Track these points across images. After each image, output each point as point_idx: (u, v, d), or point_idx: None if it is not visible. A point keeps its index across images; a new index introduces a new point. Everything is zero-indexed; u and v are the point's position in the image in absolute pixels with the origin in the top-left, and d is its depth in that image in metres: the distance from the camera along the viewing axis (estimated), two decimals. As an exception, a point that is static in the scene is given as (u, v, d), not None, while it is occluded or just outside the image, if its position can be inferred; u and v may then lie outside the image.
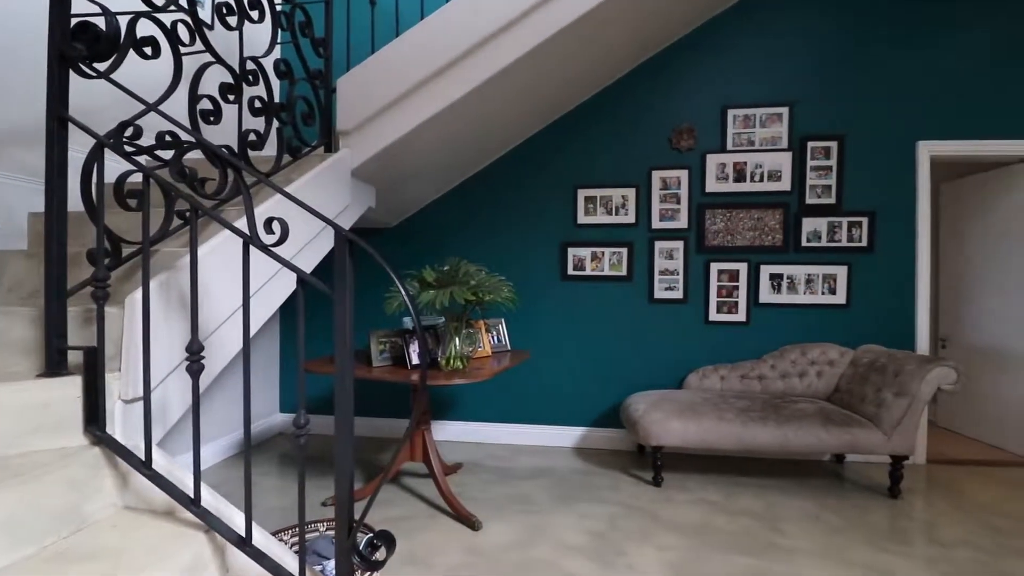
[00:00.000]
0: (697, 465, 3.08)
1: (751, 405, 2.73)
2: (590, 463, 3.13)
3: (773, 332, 3.25)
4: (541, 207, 3.46)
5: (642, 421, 2.71)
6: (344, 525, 1.15)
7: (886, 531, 2.29)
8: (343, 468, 1.14)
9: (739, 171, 3.27)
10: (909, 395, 2.48)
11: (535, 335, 3.45)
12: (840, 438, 2.54)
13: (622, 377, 3.37)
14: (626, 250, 3.35)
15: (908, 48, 3.17)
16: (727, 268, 3.27)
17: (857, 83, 3.20)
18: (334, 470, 1.17)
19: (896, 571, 1.96)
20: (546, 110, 3.27)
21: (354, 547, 1.15)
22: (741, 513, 2.44)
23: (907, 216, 3.17)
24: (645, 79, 3.36)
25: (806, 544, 2.16)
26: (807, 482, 2.84)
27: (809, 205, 3.20)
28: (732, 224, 3.27)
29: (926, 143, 3.16)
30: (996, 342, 3.47)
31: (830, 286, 3.19)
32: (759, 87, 3.27)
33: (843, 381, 2.95)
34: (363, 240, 1.20)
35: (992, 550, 2.12)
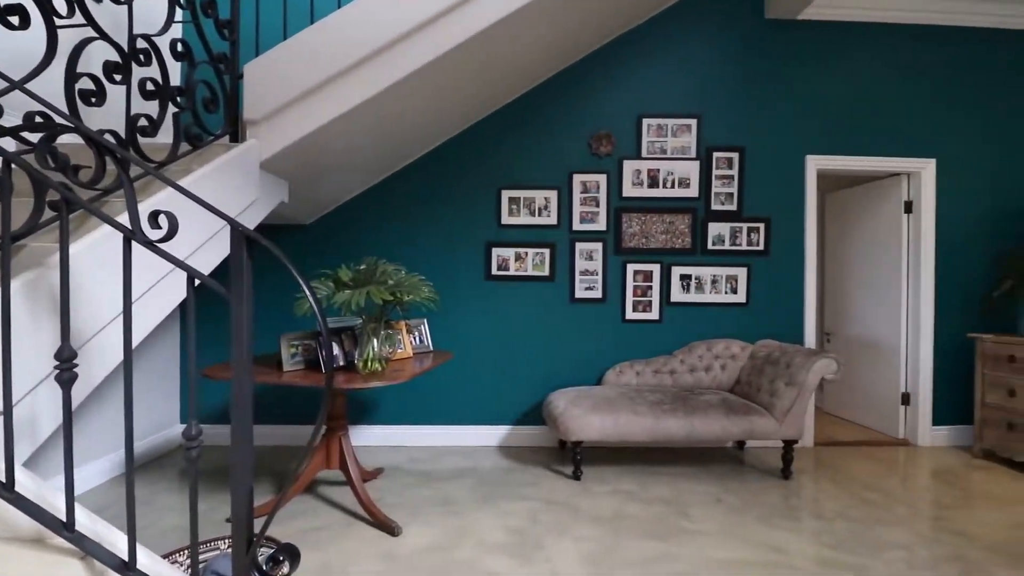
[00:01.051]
0: (614, 457, 3.21)
1: (663, 398, 2.89)
2: (513, 461, 3.16)
3: (683, 329, 3.46)
4: (466, 207, 3.45)
5: (562, 417, 2.79)
6: (242, 540, 1.08)
7: (779, 509, 2.51)
8: (240, 479, 1.07)
9: (653, 177, 3.45)
10: (798, 385, 2.74)
11: (459, 335, 3.43)
12: (740, 426, 2.75)
13: (544, 375, 3.45)
14: (549, 251, 3.43)
15: (799, 71, 3.50)
16: (642, 269, 3.44)
17: (756, 100, 3.49)
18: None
19: (786, 545, 2.15)
20: (470, 110, 3.27)
21: (254, 563, 1.08)
22: (653, 501, 2.58)
23: (797, 223, 3.50)
24: (566, 85, 3.45)
25: (710, 526, 2.32)
26: (712, 468, 3.05)
27: (714, 211, 3.45)
28: (646, 227, 3.44)
29: (814, 157, 3.51)
30: (870, 335, 3.92)
31: (732, 286, 3.45)
32: (671, 99, 3.47)
33: (743, 373, 3.20)
34: (274, 237, 1.14)
35: (864, 520, 2.39)
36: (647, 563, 2.00)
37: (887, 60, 3.53)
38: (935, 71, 3.54)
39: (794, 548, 2.13)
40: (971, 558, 2.05)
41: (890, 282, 3.73)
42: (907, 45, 3.53)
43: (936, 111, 3.54)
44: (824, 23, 3.51)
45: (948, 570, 1.97)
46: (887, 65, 3.53)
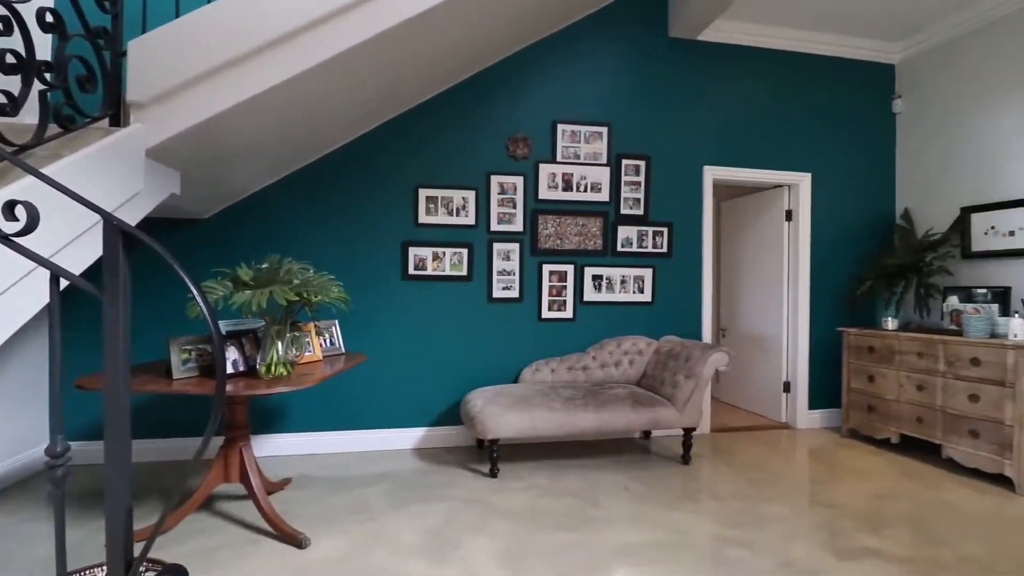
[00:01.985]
0: (530, 453, 3.29)
1: (575, 394, 3.01)
2: (430, 462, 3.13)
3: (595, 327, 3.61)
4: (382, 205, 3.37)
5: (479, 416, 2.81)
6: (119, 564, 0.98)
7: (679, 493, 2.70)
8: (116, 497, 0.97)
9: (567, 181, 3.57)
10: (695, 377, 2.97)
11: (375, 337, 3.34)
12: (646, 416, 2.93)
13: (462, 375, 3.45)
14: (466, 251, 3.43)
15: (698, 88, 3.79)
16: (557, 269, 3.55)
17: (660, 113, 3.73)
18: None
19: (685, 526, 2.32)
20: (387, 105, 3.19)
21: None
22: (565, 493, 2.67)
23: (696, 228, 3.79)
24: (485, 86, 3.48)
25: (617, 513, 2.44)
26: (621, 458, 3.22)
27: (623, 215, 3.64)
28: (561, 229, 3.56)
29: (710, 168, 3.81)
30: (758, 330, 4.33)
31: (639, 286, 3.66)
32: (584, 106, 3.61)
33: (649, 367, 3.40)
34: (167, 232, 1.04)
35: (752, 498, 2.64)
36: (558, 553, 2.07)
37: (769, 82, 3.92)
38: (808, 94, 3.99)
39: (693, 528, 2.30)
40: (838, 526, 2.34)
41: (774, 282, 4.15)
42: (786, 70, 3.95)
43: (810, 130, 3.99)
44: (719, 45, 3.84)
45: (819, 537, 2.23)
46: (769, 87, 3.92)
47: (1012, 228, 3.33)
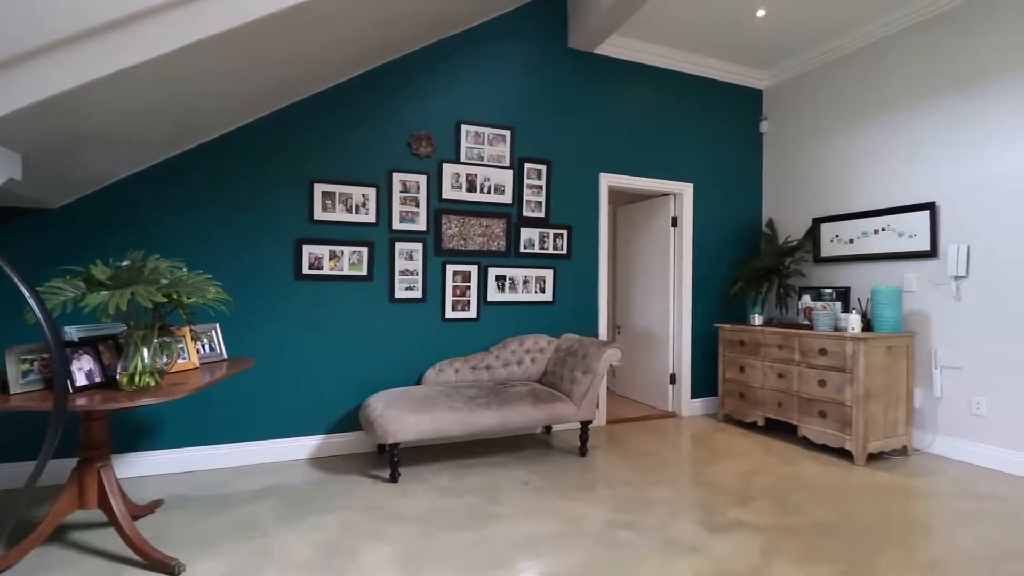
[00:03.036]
0: (433, 455, 3.26)
1: (478, 393, 3.03)
2: (326, 472, 2.99)
3: (499, 326, 3.67)
4: (273, 199, 3.15)
5: (380, 420, 2.73)
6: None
7: (576, 483, 2.82)
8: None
9: (471, 182, 3.59)
10: (592, 372, 3.13)
11: (266, 340, 3.12)
12: (545, 412, 3.03)
13: (362, 378, 3.33)
14: (367, 249, 3.32)
15: (595, 98, 3.99)
16: (461, 270, 3.55)
17: (561, 119, 3.88)
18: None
19: (580, 514, 2.43)
20: (279, 93, 2.99)
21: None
22: (467, 492, 2.68)
23: (593, 231, 3.99)
24: (388, 81, 3.39)
25: (516, 508, 2.50)
26: (522, 453, 3.30)
27: (526, 217, 3.73)
28: (465, 229, 3.57)
29: (605, 175, 4.03)
30: (648, 327, 4.65)
31: (541, 286, 3.78)
32: (487, 109, 3.65)
33: (550, 365, 3.52)
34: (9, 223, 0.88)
35: (641, 484, 2.83)
36: (459, 553, 2.08)
37: (658, 98, 4.24)
38: (691, 111, 4.37)
39: (587, 516, 2.42)
40: (712, 503, 2.58)
41: (662, 283, 4.49)
42: (672, 87, 4.30)
43: (692, 144, 4.37)
44: (615, 59, 4.08)
45: (697, 515, 2.44)
46: (658, 102, 4.24)
47: (852, 237, 3.90)
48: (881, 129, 3.72)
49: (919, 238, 3.45)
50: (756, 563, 2.01)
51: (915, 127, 3.51)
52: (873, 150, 3.77)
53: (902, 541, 2.20)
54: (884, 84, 3.70)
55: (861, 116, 3.86)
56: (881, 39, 3.72)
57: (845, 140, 3.97)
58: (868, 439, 3.15)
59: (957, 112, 3.28)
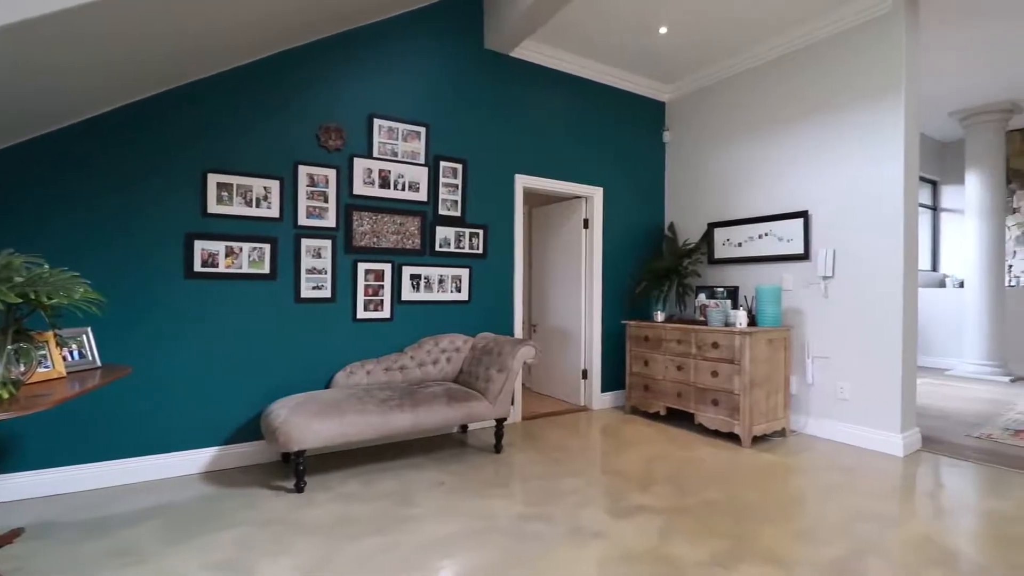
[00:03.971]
0: (344, 461, 3.13)
1: (391, 395, 2.96)
2: (222, 486, 2.77)
3: (413, 326, 3.61)
4: (158, 189, 2.86)
5: (283, 427, 2.57)
6: None
7: (491, 480, 2.85)
8: None
9: (384, 178, 3.49)
10: (506, 370, 3.17)
11: (149, 345, 2.82)
12: (461, 411, 3.03)
13: (264, 384, 3.12)
14: (269, 246, 3.12)
15: (511, 100, 4.05)
16: (373, 268, 3.45)
17: (476, 119, 3.89)
18: None
19: (494, 510, 2.46)
20: (169, 72, 2.72)
21: None
22: (378, 497, 2.61)
23: (508, 231, 4.05)
24: (294, 69, 3.20)
25: (430, 509, 2.47)
26: (438, 454, 3.27)
27: (441, 215, 3.70)
28: (378, 227, 3.47)
29: (520, 176, 4.11)
30: (562, 324, 4.81)
31: (457, 285, 3.76)
32: (402, 105, 3.58)
33: (466, 364, 3.52)
34: None
35: (553, 476, 2.92)
36: (369, 559, 2.02)
37: (571, 103, 4.39)
38: (602, 118, 4.57)
39: (501, 511, 2.45)
40: (618, 490, 2.72)
41: (574, 282, 4.66)
42: (585, 94, 4.47)
43: (602, 150, 4.58)
44: (531, 64, 4.16)
45: (603, 502, 2.56)
46: (571, 107, 4.39)
47: (740, 240, 4.28)
48: (763, 144, 4.13)
49: (795, 242, 3.87)
50: (654, 543, 2.15)
51: (789, 144, 3.94)
52: (757, 163, 4.18)
53: (780, 513, 2.46)
54: (764, 104, 4.11)
55: (747, 132, 4.26)
56: (761, 64, 4.13)
57: (735, 152, 4.36)
58: (753, 423, 3.48)
59: (819, 133, 3.73)
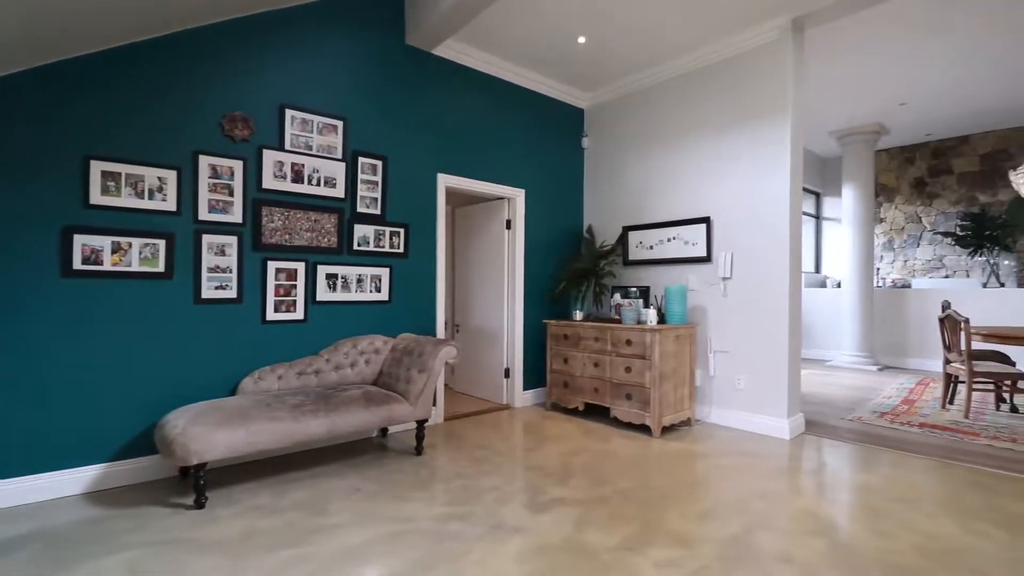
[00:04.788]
0: (252, 472, 2.95)
1: (304, 400, 2.82)
2: (109, 507, 2.50)
3: (330, 328, 3.47)
4: (28, 176, 2.52)
5: (180, 439, 2.37)
6: None
7: (411, 483, 2.80)
8: None
9: (297, 172, 3.32)
10: (428, 370, 3.14)
11: (18, 352, 2.48)
12: (379, 414, 2.95)
13: (160, 393, 2.86)
14: (164, 242, 2.86)
15: (434, 99, 4.01)
16: (285, 267, 3.27)
17: (397, 116, 3.81)
18: None
19: (415, 513, 2.43)
20: (40, 42, 2.40)
21: None
22: (290, 508, 2.48)
23: (431, 230, 4.01)
24: (197, 49, 2.96)
25: (347, 517, 2.39)
26: (356, 460, 3.17)
27: (360, 213, 3.59)
28: (290, 223, 3.30)
29: (443, 175, 4.08)
30: (485, 324, 4.84)
31: (377, 285, 3.67)
32: (318, 96, 3.42)
33: (386, 365, 3.44)
34: None
35: (474, 475, 2.93)
36: (278, 573, 1.91)
37: (495, 105, 4.43)
38: (524, 121, 4.66)
39: (421, 514, 2.42)
40: (537, 485, 2.79)
41: (497, 282, 4.71)
42: (509, 97, 4.53)
43: (525, 153, 4.67)
44: (454, 63, 4.15)
45: (523, 498, 2.61)
46: (495, 109, 4.44)
47: (651, 243, 4.54)
48: (672, 154, 4.41)
49: (699, 246, 4.17)
50: (570, 534, 2.23)
51: (695, 155, 4.24)
52: (667, 171, 4.46)
53: (685, 497, 2.64)
54: (673, 116, 4.40)
55: (658, 142, 4.53)
56: (670, 79, 4.41)
57: (648, 160, 4.61)
58: (663, 415, 3.71)
59: (720, 146, 4.05)
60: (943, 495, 2.66)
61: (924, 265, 7.72)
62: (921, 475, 2.94)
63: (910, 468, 3.05)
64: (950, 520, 2.37)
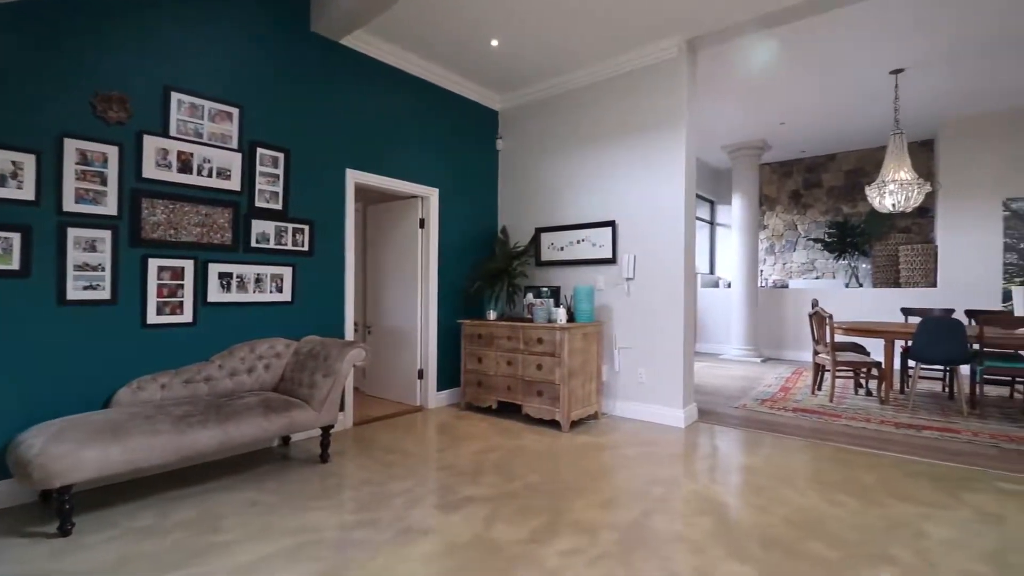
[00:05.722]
0: (132, 492, 2.66)
1: (192, 410, 2.60)
2: (-58, 543, 2.14)
3: (223, 331, 3.21)
4: None
5: (38, 460, 2.08)
6: None
7: (314, 493, 2.67)
8: None
9: (185, 162, 3.05)
10: (333, 374, 3.01)
11: None
12: (280, 423, 2.79)
13: (14, 408, 2.49)
14: (19, 235, 2.50)
15: (343, 91, 3.86)
16: (170, 265, 2.99)
17: (303, 107, 3.62)
18: None
19: (316, 524, 2.32)
20: None
21: None
22: (176, 528, 2.27)
23: (339, 228, 3.85)
24: (64, 15, 2.61)
25: (243, 533, 2.23)
26: (254, 472, 2.97)
27: (258, 208, 3.36)
28: (176, 217, 3.01)
29: (353, 171, 3.94)
30: (399, 325, 4.73)
31: (278, 285, 3.46)
32: (209, 79, 3.16)
33: (288, 370, 3.26)
34: None
35: (383, 480, 2.86)
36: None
37: (409, 102, 4.35)
38: (439, 120, 4.62)
39: (324, 523, 2.32)
40: (448, 484, 2.78)
41: (410, 281, 4.63)
42: (423, 95, 4.47)
43: (439, 151, 4.63)
44: (366, 56, 4.01)
45: (433, 499, 2.59)
46: (408, 106, 4.36)
47: (563, 245, 4.69)
48: (582, 159, 4.59)
49: (605, 248, 4.38)
50: (480, 531, 2.24)
51: (601, 160, 4.45)
52: (577, 175, 4.63)
53: (590, 487, 2.76)
54: (582, 123, 4.58)
55: (567, 146, 4.69)
56: (579, 87, 4.60)
57: (559, 164, 4.77)
58: (571, 410, 3.85)
59: (623, 153, 4.29)
60: (811, 471, 3.01)
61: (799, 267, 8.67)
62: (794, 454, 3.30)
63: (786, 449, 3.42)
64: (815, 493, 2.69)
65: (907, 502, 2.56)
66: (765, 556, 2.05)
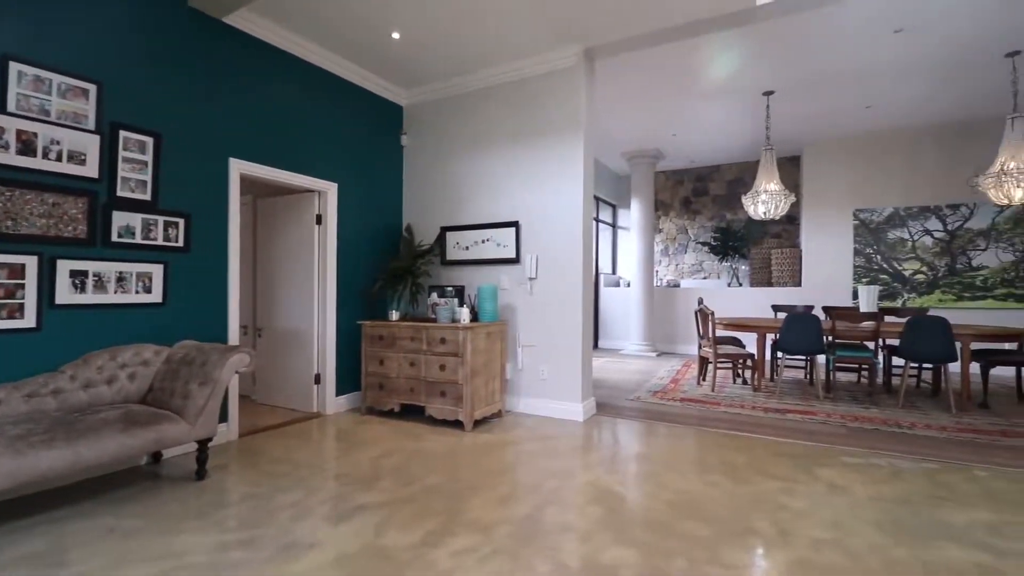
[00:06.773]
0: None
1: (34, 428, 2.25)
2: None
3: (77, 338, 2.83)
4: None
5: None
6: None
7: (186, 514, 2.43)
8: None
9: (26, 142, 2.64)
10: (212, 382, 2.76)
11: None
12: (145, 438, 2.50)
13: None
14: None
15: (226, 75, 3.55)
16: (7, 262, 2.57)
17: (177, 89, 3.28)
18: None
19: (184, 547, 2.11)
20: None
21: None
22: (15, 563, 1.96)
23: (221, 221, 3.54)
24: None
25: (95, 564, 1.98)
26: (115, 495, 2.64)
27: (121, 198, 3.00)
28: (15, 207, 2.60)
29: (238, 161, 3.64)
30: (293, 327, 4.46)
31: (145, 284, 3.11)
32: (60, 51, 2.76)
33: (157, 380, 2.94)
34: None
35: (269, 494, 2.67)
36: (-26, 655, 1.49)
37: (304, 91, 4.11)
38: (338, 112, 4.41)
39: (195, 546, 2.12)
40: (341, 493, 2.66)
41: (306, 281, 4.38)
42: (320, 84, 4.24)
43: (338, 144, 4.43)
44: (254, 38, 3.72)
45: (323, 510, 2.46)
46: (303, 95, 4.11)
47: (468, 244, 4.69)
48: (487, 158, 4.62)
49: (509, 248, 4.44)
50: (370, 540, 2.17)
51: (505, 161, 4.51)
52: (483, 175, 4.65)
53: (490, 484, 2.78)
54: (487, 123, 4.61)
55: (475, 146, 4.70)
56: (486, 87, 4.62)
57: (465, 163, 4.75)
58: (475, 409, 3.86)
59: (527, 154, 4.38)
60: (693, 456, 3.26)
61: (690, 268, 9.39)
62: (680, 441, 3.56)
63: (674, 436, 3.68)
64: (695, 476, 2.91)
65: (771, 479, 2.86)
66: (647, 538, 2.19)
